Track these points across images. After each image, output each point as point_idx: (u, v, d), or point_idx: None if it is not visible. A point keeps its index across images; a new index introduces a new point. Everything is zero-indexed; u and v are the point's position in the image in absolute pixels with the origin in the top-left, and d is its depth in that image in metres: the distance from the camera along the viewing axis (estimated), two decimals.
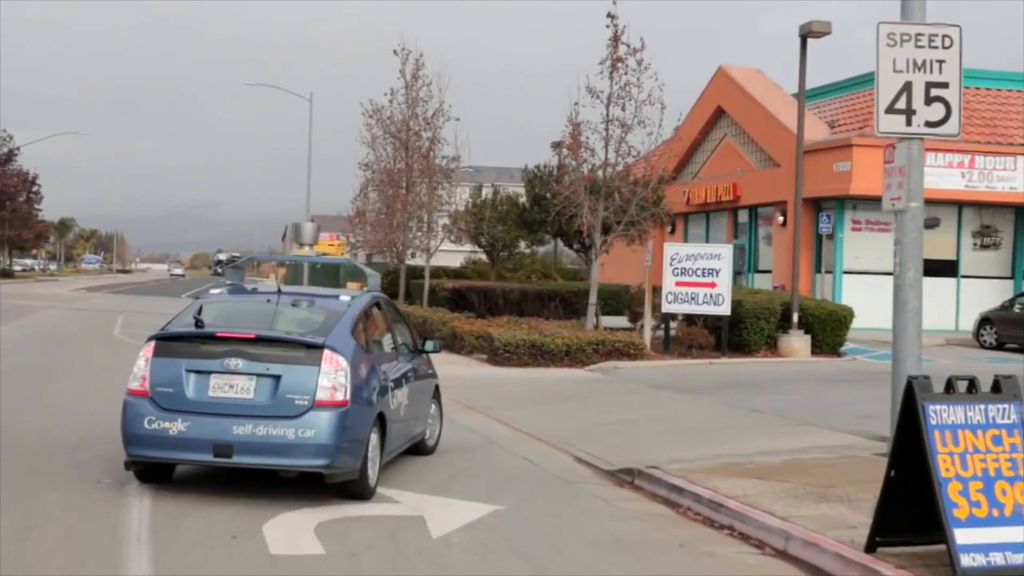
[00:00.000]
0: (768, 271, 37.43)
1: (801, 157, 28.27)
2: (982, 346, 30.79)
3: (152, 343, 9.94)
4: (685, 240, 43.89)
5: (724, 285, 25.75)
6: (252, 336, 9.76)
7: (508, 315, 30.96)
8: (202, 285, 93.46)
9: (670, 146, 30.31)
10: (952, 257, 35.20)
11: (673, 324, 27.12)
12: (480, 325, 27.65)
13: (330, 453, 9.47)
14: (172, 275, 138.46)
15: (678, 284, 26.14)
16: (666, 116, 26.14)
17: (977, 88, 37.48)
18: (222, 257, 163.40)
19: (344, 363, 9.66)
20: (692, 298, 25.99)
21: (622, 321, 32.79)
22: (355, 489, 9.97)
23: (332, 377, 9.55)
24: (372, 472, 10.19)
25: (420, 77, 38.24)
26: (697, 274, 25.95)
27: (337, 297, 11.21)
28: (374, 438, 10.20)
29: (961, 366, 25.53)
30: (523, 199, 34.93)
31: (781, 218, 36.63)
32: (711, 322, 26.52)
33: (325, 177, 77.91)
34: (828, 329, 26.86)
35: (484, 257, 59.05)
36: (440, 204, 39.82)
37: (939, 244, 35.06)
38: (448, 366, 21.84)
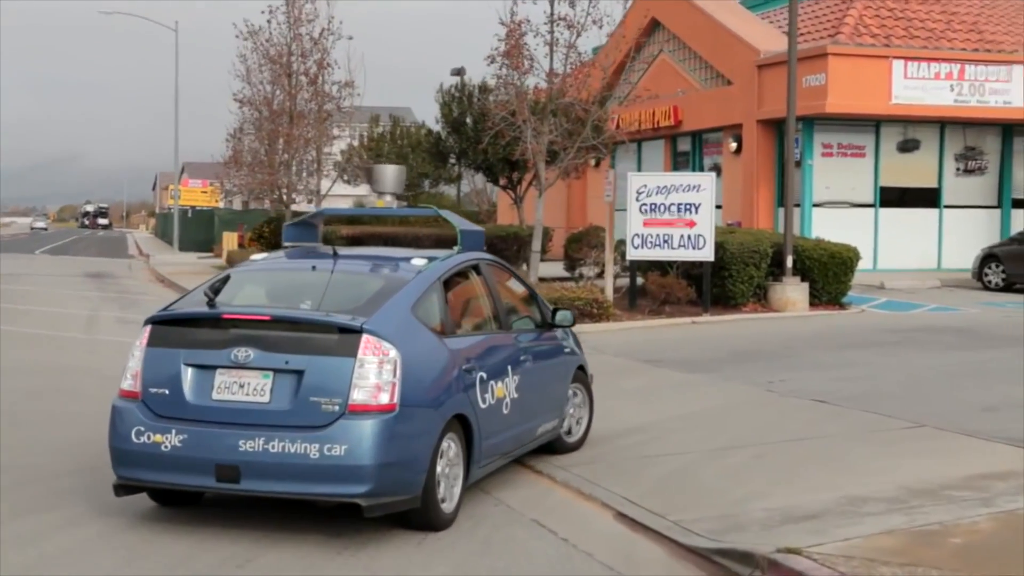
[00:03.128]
0: (717, 206, 32.27)
1: (795, 64, 23.02)
2: (986, 287, 26.15)
3: (148, 328, 7.66)
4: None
5: (705, 224, 20.50)
6: (266, 317, 7.45)
7: None
8: (66, 238, 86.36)
9: (606, 53, 24.81)
10: (933, 184, 30.44)
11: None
12: None
13: (368, 477, 7.02)
14: (33, 228, 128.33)
15: (647, 224, 20.78)
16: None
17: None
18: (89, 209, 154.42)
19: (392, 352, 7.19)
20: (666, 241, 20.68)
21: (553, 269, 27.56)
22: (420, 520, 7.47)
23: (374, 372, 7.12)
24: (448, 495, 7.69)
25: None
26: (671, 211, 20.64)
27: (408, 261, 8.40)
28: (449, 449, 7.69)
29: (992, 316, 20.79)
30: (438, 126, 29.06)
31: (734, 144, 31.52)
32: (682, 268, 21.25)
33: (200, 124, 71.19)
34: (830, 275, 21.78)
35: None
36: (330, 139, 34.33)
37: (919, 170, 30.36)
38: None
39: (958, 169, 30.62)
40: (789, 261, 21.41)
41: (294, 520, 7.69)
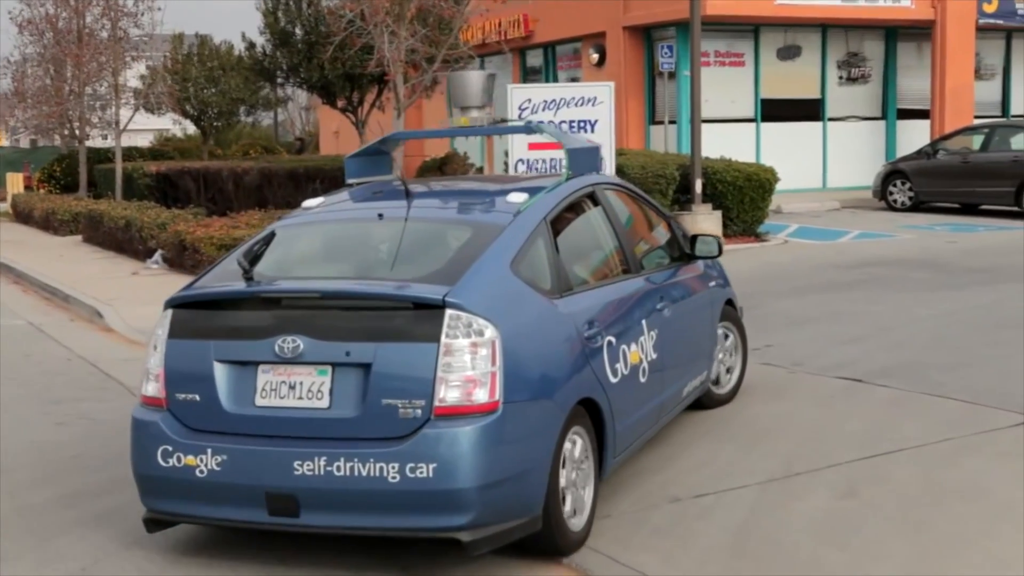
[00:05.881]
0: None
1: None
2: (891, 207, 23.44)
3: (169, 313, 5.78)
4: (449, 100, 34.58)
5: (604, 144, 16.87)
6: (314, 294, 5.56)
7: (250, 208, 21.07)
8: None
9: None
10: (816, 95, 27.61)
11: None
12: (222, 227, 17.78)
13: (469, 504, 5.11)
14: None
15: (533, 147, 17.09)
16: None
17: None
18: None
19: (489, 331, 5.24)
20: (556, 167, 17.09)
21: None
22: (543, 546, 5.57)
23: (466, 360, 5.20)
24: (577, 507, 5.74)
25: None
26: (562, 129, 17.01)
27: (503, 196, 6.29)
28: (575, 447, 5.74)
29: (935, 242, 17.98)
30: (261, 41, 24.64)
31: (596, 55, 28.05)
32: None
33: None
34: (746, 201, 18.57)
35: (181, 133, 48.76)
36: (125, 63, 29.82)
37: (801, 79, 27.43)
38: None
39: (841, 77, 27.88)
40: (698, 185, 18.12)
41: None
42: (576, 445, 5.77)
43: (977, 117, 26.92)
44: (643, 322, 6.70)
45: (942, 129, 25.89)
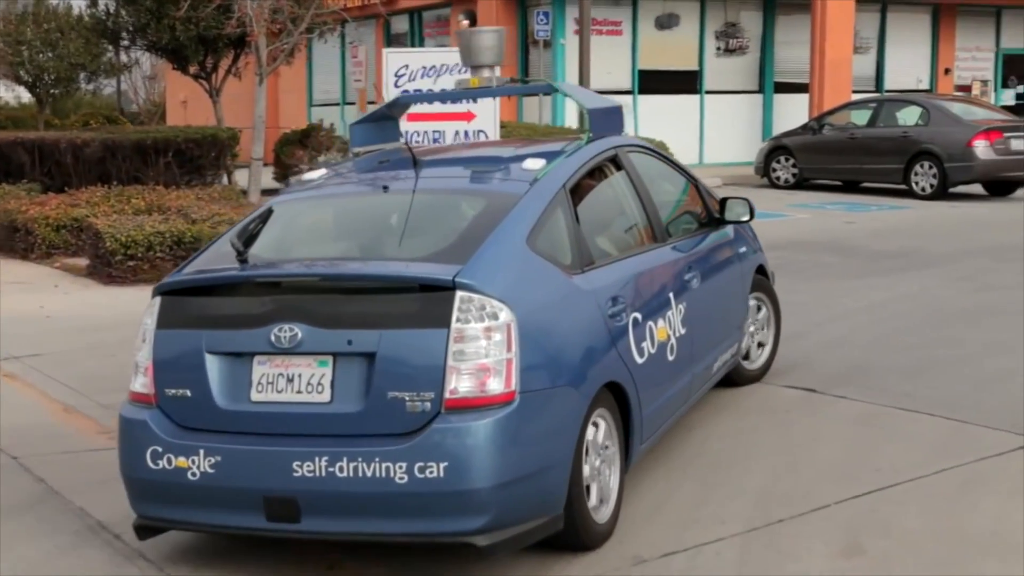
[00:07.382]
0: None
1: None
2: (774, 184, 22.68)
3: (157, 301, 5.33)
4: (310, 72, 32.94)
5: (488, 116, 15.62)
6: (312, 278, 5.24)
7: (91, 184, 19.08)
8: None
9: None
10: (694, 67, 26.74)
11: None
12: (60, 205, 16.02)
13: (484, 505, 4.72)
14: None
15: (412, 118, 15.53)
16: None
17: None
18: None
19: (503, 314, 4.84)
20: (436, 139, 15.67)
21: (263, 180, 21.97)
22: (565, 542, 5.15)
23: (479, 346, 4.79)
24: (603, 495, 5.37)
25: None
26: (441, 100, 15.62)
27: (519, 163, 5.88)
28: (598, 431, 5.35)
29: (832, 223, 17.19)
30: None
31: (466, 22, 26.54)
32: None
33: None
34: None
35: (14, 101, 45.74)
36: None
37: (679, 51, 26.60)
38: (16, 291, 12.43)
39: (719, 49, 27.05)
40: None
41: None
42: (599, 429, 5.34)
43: (854, 92, 26.39)
44: (671, 295, 6.30)
45: (821, 103, 25.25)
